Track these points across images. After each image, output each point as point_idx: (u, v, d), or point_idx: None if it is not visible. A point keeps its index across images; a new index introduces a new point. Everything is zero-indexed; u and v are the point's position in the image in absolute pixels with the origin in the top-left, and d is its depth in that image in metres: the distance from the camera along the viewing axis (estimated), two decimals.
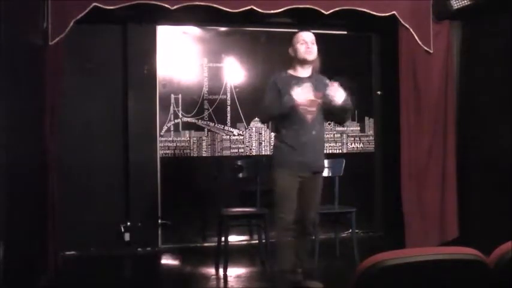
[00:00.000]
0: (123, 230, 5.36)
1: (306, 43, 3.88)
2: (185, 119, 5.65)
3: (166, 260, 5.28)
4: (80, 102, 5.25)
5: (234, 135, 5.76)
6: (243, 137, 5.77)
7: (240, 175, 5.12)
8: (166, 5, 4.54)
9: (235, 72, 5.79)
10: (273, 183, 3.92)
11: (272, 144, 4.23)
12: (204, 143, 5.70)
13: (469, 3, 4.82)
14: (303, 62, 3.90)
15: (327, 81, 3.96)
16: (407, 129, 5.09)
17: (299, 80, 3.86)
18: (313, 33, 3.97)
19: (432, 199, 5.15)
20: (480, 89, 5.12)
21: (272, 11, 4.73)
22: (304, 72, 3.93)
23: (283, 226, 3.86)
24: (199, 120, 5.69)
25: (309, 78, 3.90)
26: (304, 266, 4.06)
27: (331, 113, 3.95)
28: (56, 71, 4.45)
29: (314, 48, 3.90)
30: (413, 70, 5.11)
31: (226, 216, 4.67)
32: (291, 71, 3.95)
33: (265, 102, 3.90)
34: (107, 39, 5.47)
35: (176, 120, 5.63)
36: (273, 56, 5.65)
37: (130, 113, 5.45)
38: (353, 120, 6.06)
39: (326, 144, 5.94)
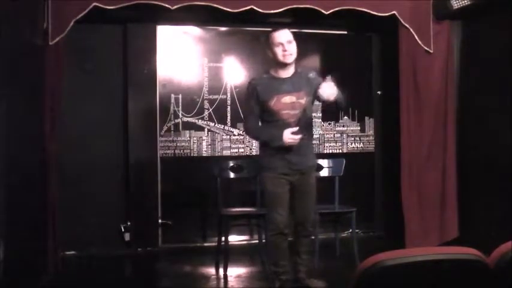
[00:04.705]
0: (123, 230, 5.36)
1: (282, 45, 3.70)
2: (185, 119, 5.65)
3: (166, 260, 5.28)
4: (80, 102, 5.24)
5: (234, 135, 5.76)
6: (243, 137, 5.77)
7: (240, 175, 5.12)
8: (166, 5, 4.54)
9: (235, 72, 5.79)
10: (263, 187, 3.95)
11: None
12: (204, 143, 5.70)
13: (469, 3, 4.81)
14: (283, 65, 3.78)
15: (311, 74, 3.86)
16: (407, 129, 5.09)
17: (280, 82, 3.77)
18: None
19: (432, 199, 5.15)
20: (480, 89, 5.11)
21: (272, 11, 4.73)
22: (285, 73, 3.80)
23: (275, 228, 3.82)
24: (199, 120, 5.69)
25: (291, 78, 3.79)
26: (306, 265, 4.05)
27: (327, 105, 3.82)
28: (56, 71, 4.45)
29: (292, 48, 3.71)
30: (413, 70, 5.11)
31: (226, 216, 4.67)
32: (272, 72, 3.84)
33: (248, 121, 3.90)
34: (107, 39, 5.47)
35: (176, 120, 5.63)
36: None
37: (130, 113, 5.45)
38: (353, 120, 6.06)
39: (326, 144, 5.96)
